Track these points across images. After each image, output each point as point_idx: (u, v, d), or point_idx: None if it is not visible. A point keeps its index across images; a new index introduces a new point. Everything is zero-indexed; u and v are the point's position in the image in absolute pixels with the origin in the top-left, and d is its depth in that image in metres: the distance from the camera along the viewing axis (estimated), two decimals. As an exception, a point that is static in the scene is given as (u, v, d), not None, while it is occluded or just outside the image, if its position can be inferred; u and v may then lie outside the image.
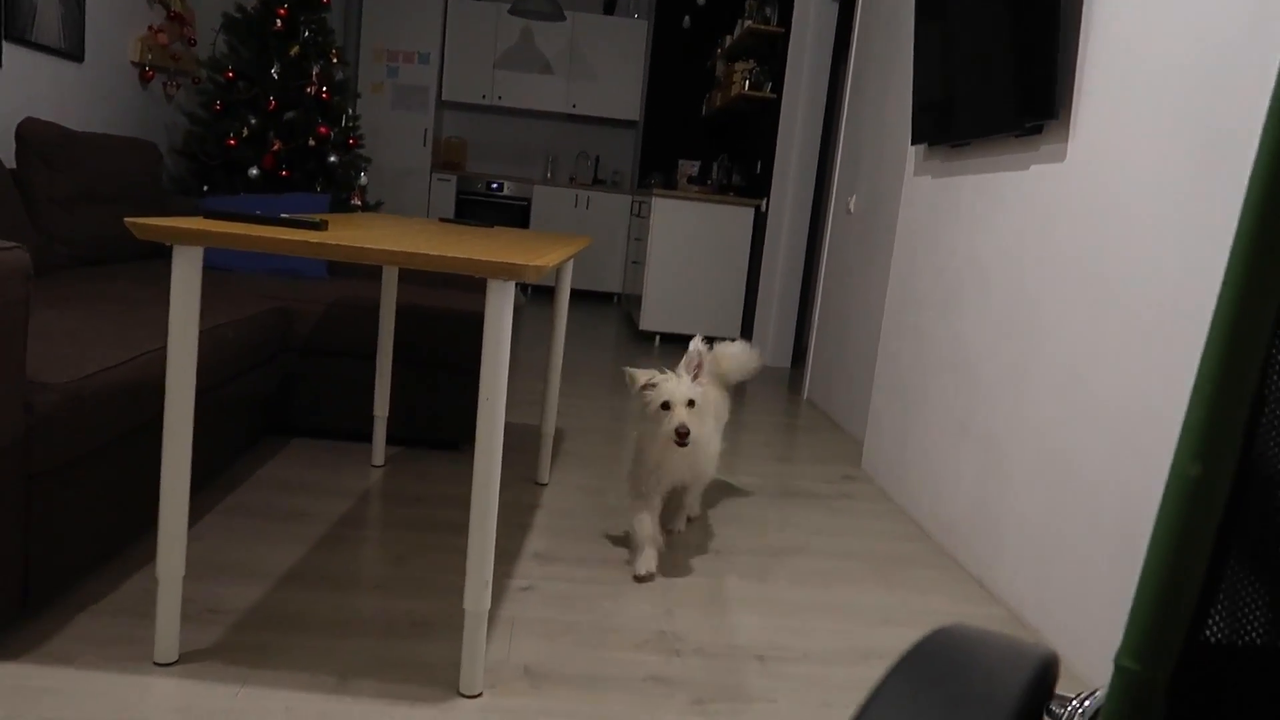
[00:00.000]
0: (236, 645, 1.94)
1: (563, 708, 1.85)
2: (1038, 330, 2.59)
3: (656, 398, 2.37)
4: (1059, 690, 0.68)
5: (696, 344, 2.48)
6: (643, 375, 2.41)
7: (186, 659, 1.87)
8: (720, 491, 3.39)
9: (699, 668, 2.06)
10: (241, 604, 2.12)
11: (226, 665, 1.86)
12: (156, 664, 1.84)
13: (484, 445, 1.76)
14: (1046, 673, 0.46)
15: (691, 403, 2.35)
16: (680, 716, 1.85)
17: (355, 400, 3.33)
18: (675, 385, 2.36)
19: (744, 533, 2.99)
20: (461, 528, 2.75)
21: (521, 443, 3.69)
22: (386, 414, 3.22)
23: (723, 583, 2.56)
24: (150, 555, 2.31)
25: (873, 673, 2.11)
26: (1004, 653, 0.46)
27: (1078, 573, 2.29)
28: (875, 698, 0.39)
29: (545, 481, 3.28)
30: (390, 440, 3.44)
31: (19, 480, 1.78)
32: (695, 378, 2.41)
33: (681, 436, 2.29)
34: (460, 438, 3.48)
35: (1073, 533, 2.32)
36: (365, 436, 3.38)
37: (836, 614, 2.43)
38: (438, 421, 3.42)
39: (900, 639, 2.32)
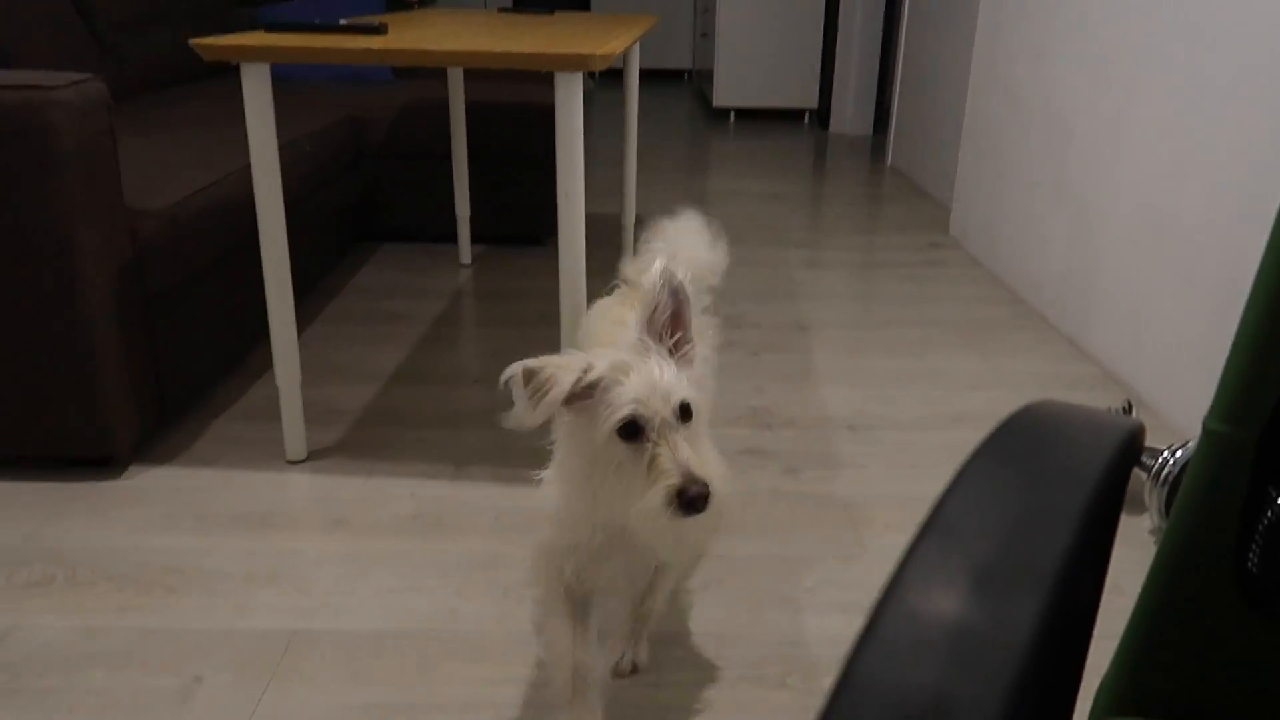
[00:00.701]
0: (358, 441, 2.10)
1: (663, 483, 1.97)
2: (1138, 78, 2.42)
3: (604, 414, 1.00)
4: (1151, 443, 0.69)
5: (662, 265, 1.07)
6: (552, 368, 1.01)
7: (315, 456, 2.03)
8: (805, 268, 3.38)
9: (791, 439, 2.15)
10: (357, 404, 2.27)
11: (352, 459, 2.02)
12: (289, 462, 2.00)
13: (567, 241, 1.78)
14: (1132, 443, 0.48)
15: (686, 411, 1.01)
16: (775, 483, 1.95)
17: (437, 202, 3.36)
18: (644, 382, 1.00)
19: (831, 307, 3.00)
20: (552, 320, 2.83)
21: (603, 233, 3.71)
22: (469, 213, 3.25)
23: (812, 358, 2.60)
24: (268, 364, 2.46)
25: (962, 436, 2.17)
26: (1089, 426, 0.48)
27: (1173, 331, 2.25)
28: (959, 480, 0.41)
29: (629, 270, 3.31)
30: (475, 239, 3.49)
31: (138, 304, 1.89)
32: (675, 342, 1.07)
33: (693, 501, 0.95)
34: (543, 231, 3.51)
35: (1169, 291, 2.27)
36: (451, 237, 3.43)
37: (926, 382, 2.47)
38: (520, 217, 3.45)
39: (990, 403, 2.35)
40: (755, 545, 1.74)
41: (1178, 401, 2.23)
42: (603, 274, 3.23)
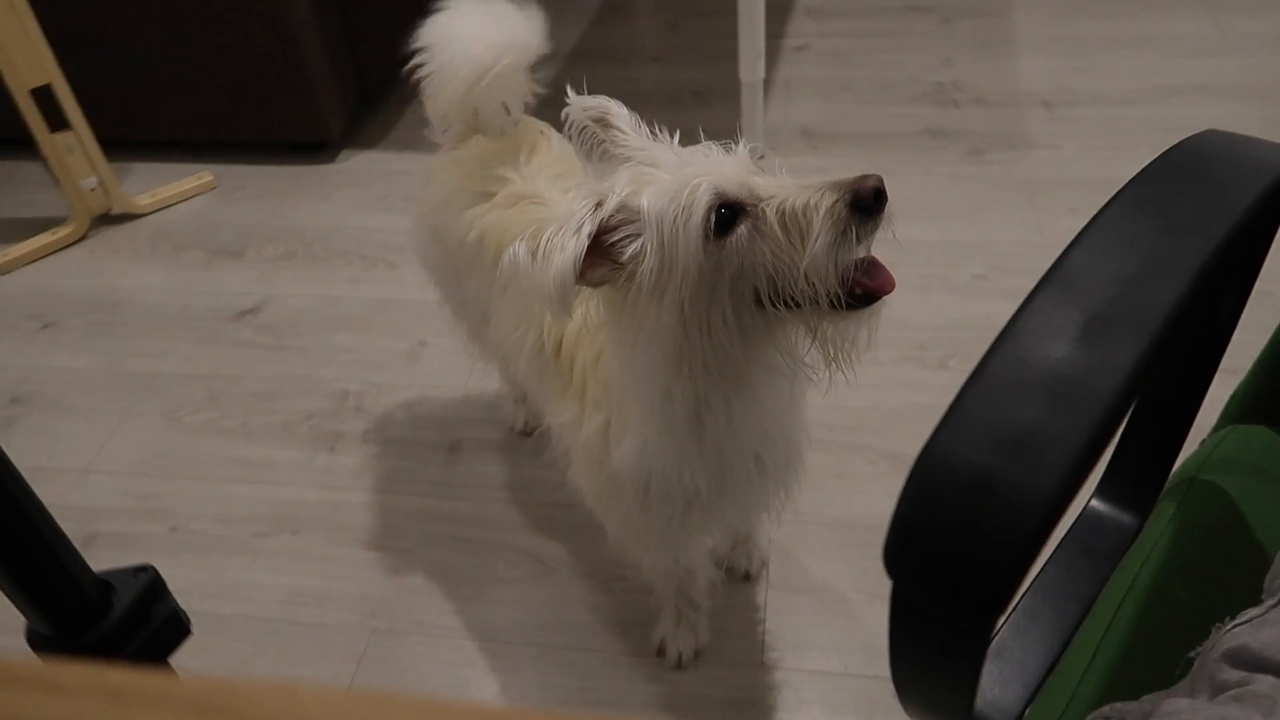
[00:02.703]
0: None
1: (840, 164, 1.96)
2: None
3: (672, 233, 0.65)
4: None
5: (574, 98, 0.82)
6: (550, 227, 0.66)
7: (504, 139, 2.13)
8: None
9: (978, 118, 2.06)
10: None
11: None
12: (481, 145, 2.12)
13: (746, -93, 1.67)
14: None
15: None
16: (955, 168, 1.91)
17: None
18: (689, 159, 0.70)
19: (1040, -39, 2.70)
20: (731, -13, 2.71)
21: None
22: None
23: (1011, 21, 2.40)
24: (452, 45, 2.52)
25: (1174, 112, 2.01)
26: (1244, 164, 0.48)
27: None
28: (1090, 228, 0.44)
29: (815, -77, 3.05)
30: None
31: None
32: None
33: (877, 196, 0.64)
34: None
35: None
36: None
37: (1141, 48, 2.25)
38: None
39: (1213, 73, 2.13)
40: (928, 230, 1.75)
41: None
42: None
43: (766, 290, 0.66)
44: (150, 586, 0.40)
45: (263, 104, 2.01)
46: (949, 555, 0.36)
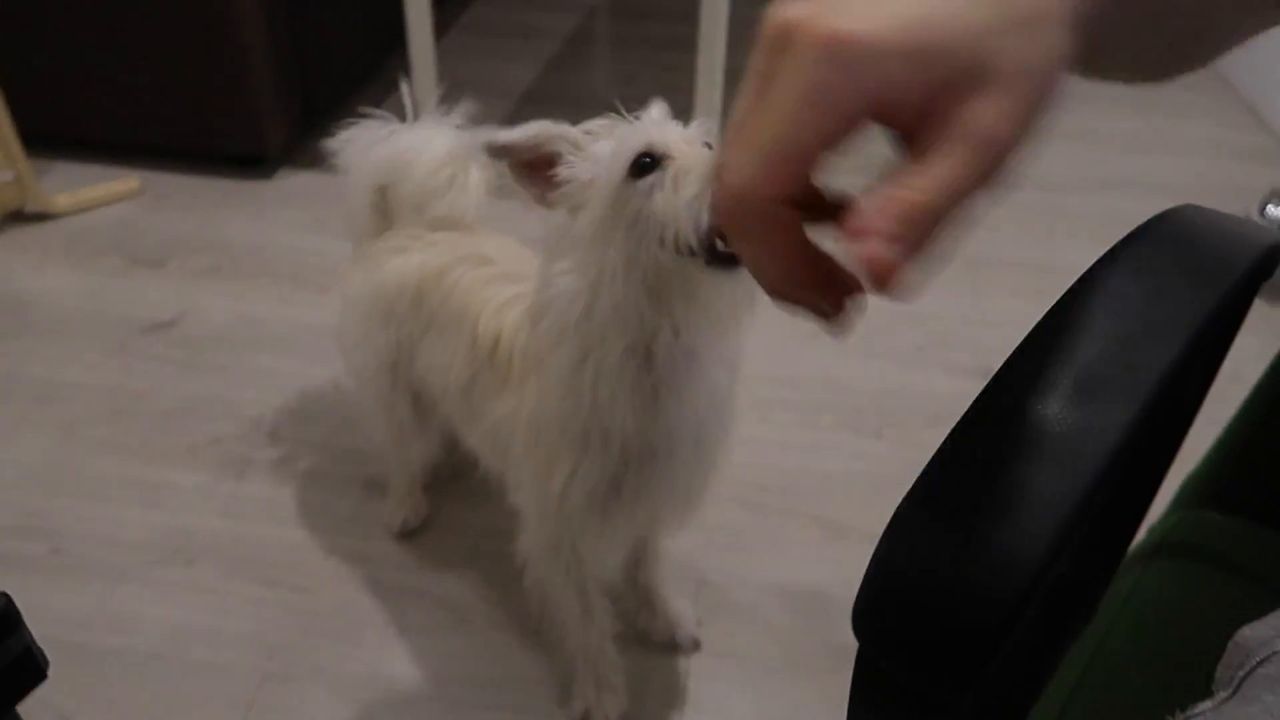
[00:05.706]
0: (490, 160, 2.14)
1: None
2: None
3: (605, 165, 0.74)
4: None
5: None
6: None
7: (450, 172, 2.09)
8: None
9: (923, 193, 2.09)
10: (490, 121, 2.29)
11: (484, 178, 2.07)
12: (426, 176, 2.07)
13: (712, -36, 1.69)
14: (1268, 260, 0.47)
15: None
16: (899, 239, 1.92)
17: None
18: (650, 122, 0.76)
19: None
20: (690, 44, 2.73)
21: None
22: (609, -80, 3.07)
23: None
24: (403, 74, 2.48)
25: (1111, 204, 2.06)
26: (1227, 239, 0.46)
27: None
28: (1081, 284, 0.41)
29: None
30: (614, -51, 3.30)
31: (281, 6, 1.90)
32: None
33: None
34: (685, -55, 3.29)
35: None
36: (589, -54, 3.26)
37: (1078, 140, 2.32)
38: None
39: (1145, 169, 2.21)
40: (872, 296, 1.75)
41: (1358, 185, 2.06)
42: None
43: (656, 236, 0.69)
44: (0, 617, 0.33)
45: (200, 111, 1.93)
46: (930, 616, 0.32)
